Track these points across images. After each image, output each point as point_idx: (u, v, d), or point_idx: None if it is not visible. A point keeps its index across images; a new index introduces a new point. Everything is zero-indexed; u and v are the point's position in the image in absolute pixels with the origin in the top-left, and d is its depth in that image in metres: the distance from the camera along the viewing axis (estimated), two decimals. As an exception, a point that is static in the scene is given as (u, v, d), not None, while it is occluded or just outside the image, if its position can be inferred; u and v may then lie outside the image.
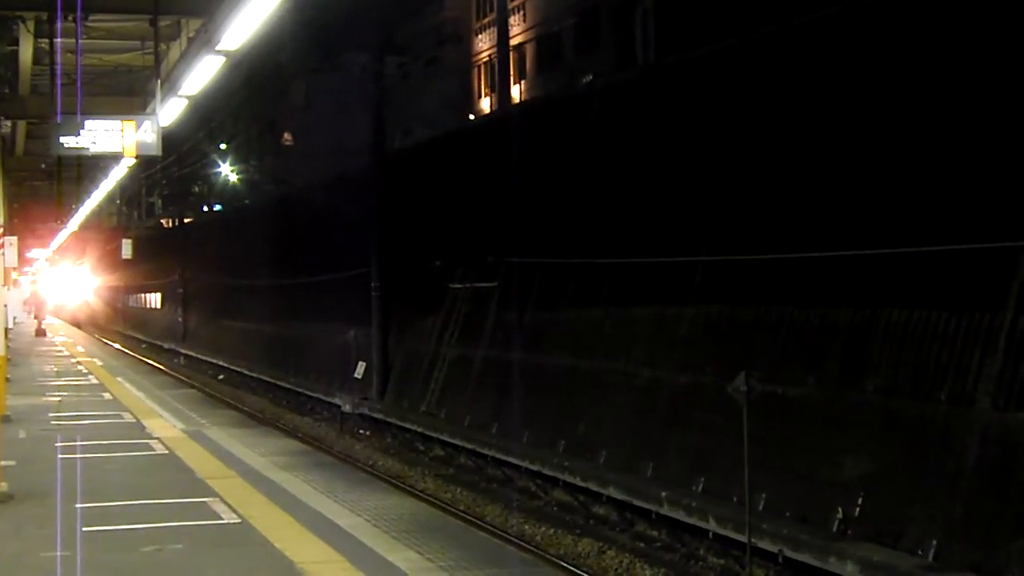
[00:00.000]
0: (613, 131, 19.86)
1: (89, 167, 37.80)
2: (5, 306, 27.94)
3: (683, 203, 17.31)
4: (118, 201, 61.45)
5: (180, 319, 53.43)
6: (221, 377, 39.83)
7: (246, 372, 37.34)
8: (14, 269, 29.00)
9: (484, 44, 49.72)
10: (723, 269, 15.94)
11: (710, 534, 13.61)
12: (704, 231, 16.62)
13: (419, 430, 23.15)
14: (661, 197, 17.88)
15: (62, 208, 49.93)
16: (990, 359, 11.24)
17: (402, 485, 19.40)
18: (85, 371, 35.80)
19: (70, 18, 20.86)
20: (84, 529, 11.75)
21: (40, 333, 59.46)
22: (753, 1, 20.13)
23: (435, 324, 25.01)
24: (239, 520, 12.33)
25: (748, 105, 16.22)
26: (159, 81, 19.57)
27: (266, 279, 38.62)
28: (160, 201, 66.72)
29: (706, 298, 16.16)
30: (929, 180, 12.67)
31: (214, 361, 42.34)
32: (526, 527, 16.29)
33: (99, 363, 40.32)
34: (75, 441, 18.26)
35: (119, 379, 33.15)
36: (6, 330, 27.79)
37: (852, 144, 14.01)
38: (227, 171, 47.36)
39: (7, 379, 23.41)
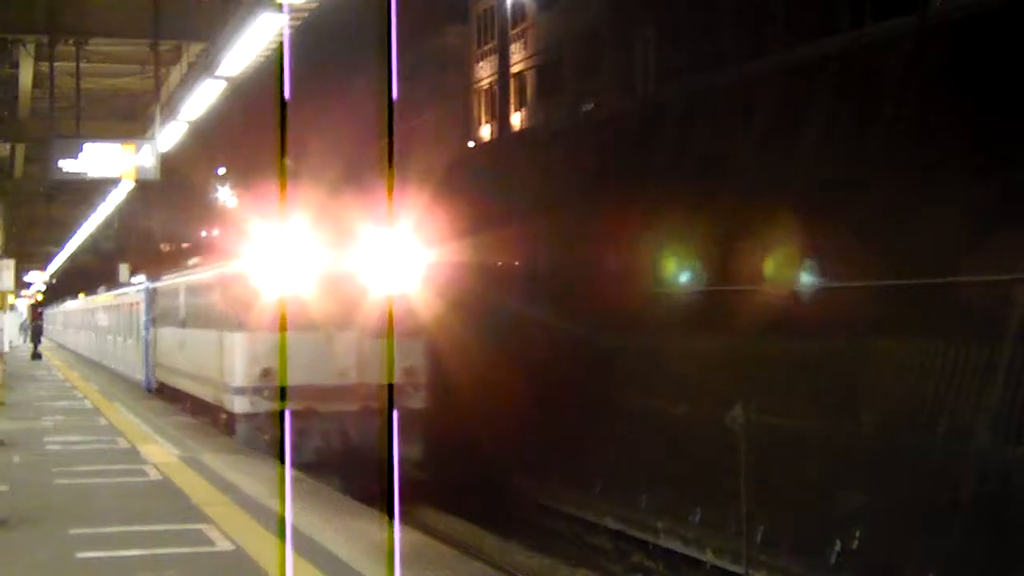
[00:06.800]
0: (618, 156, 19.91)
1: None
2: (1, 330, 27.93)
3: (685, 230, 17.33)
4: None
5: None
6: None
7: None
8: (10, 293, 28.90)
9: (484, 72, 49.78)
10: (721, 299, 15.92)
11: (707, 565, 13.55)
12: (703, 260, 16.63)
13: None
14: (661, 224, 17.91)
15: None
16: (989, 392, 11.22)
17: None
18: (80, 395, 35.67)
19: (70, 42, 20.90)
20: (78, 555, 11.67)
21: (36, 357, 59.26)
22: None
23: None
24: (234, 547, 12.25)
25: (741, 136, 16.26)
26: (159, 105, 19.61)
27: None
28: None
29: (704, 328, 16.13)
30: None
31: None
32: (522, 557, 16.20)
33: (94, 387, 40.20)
34: (69, 466, 18.17)
35: (115, 404, 33.03)
36: (1, 355, 27.78)
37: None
38: None
39: (2, 403, 23.33)
